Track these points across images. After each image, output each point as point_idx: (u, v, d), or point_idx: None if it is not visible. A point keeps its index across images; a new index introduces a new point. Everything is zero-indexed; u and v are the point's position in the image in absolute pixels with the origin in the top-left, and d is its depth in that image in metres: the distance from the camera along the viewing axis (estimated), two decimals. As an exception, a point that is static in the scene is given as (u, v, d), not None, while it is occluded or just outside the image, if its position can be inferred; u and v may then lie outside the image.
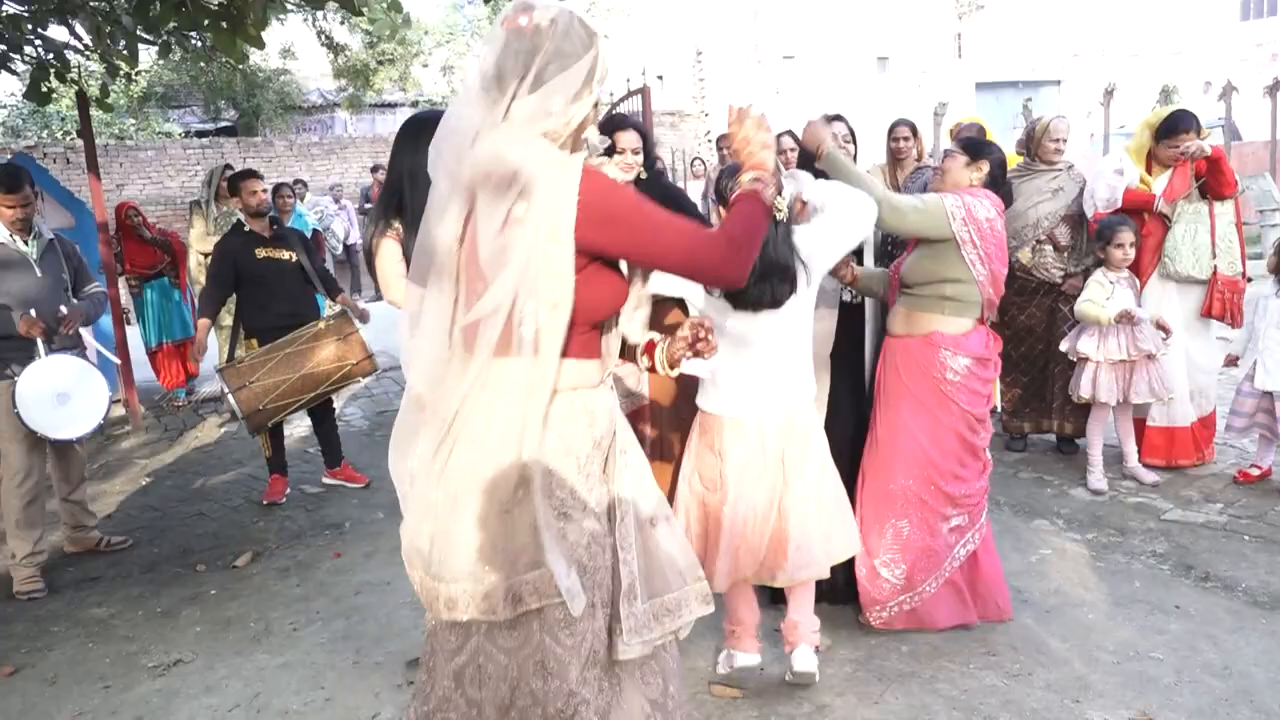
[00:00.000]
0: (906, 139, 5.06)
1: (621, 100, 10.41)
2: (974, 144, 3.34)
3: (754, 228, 1.85)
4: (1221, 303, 4.57)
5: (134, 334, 7.39)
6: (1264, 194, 11.40)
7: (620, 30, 18.99)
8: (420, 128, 2.75)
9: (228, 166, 7.32)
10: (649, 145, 3.65)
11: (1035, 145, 4.91)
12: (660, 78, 14.98)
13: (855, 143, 3.97)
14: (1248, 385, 4.46)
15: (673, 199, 3.72)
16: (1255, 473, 4.52)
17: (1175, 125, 4.59)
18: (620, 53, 18.01)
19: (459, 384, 1.77)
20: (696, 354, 1.99)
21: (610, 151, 3.61)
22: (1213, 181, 4.53)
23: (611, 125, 3.62)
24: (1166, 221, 4.65)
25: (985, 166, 3.22)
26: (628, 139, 3.56)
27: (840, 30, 20.47)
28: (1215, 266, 4.56)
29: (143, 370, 7.42)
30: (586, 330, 1.82)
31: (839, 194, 2.85)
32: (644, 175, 3.62)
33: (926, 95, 17.08)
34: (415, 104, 20.19)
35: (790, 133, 5.28)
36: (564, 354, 1.76)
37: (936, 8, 22.24)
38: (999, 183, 3.28)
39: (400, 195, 2.81)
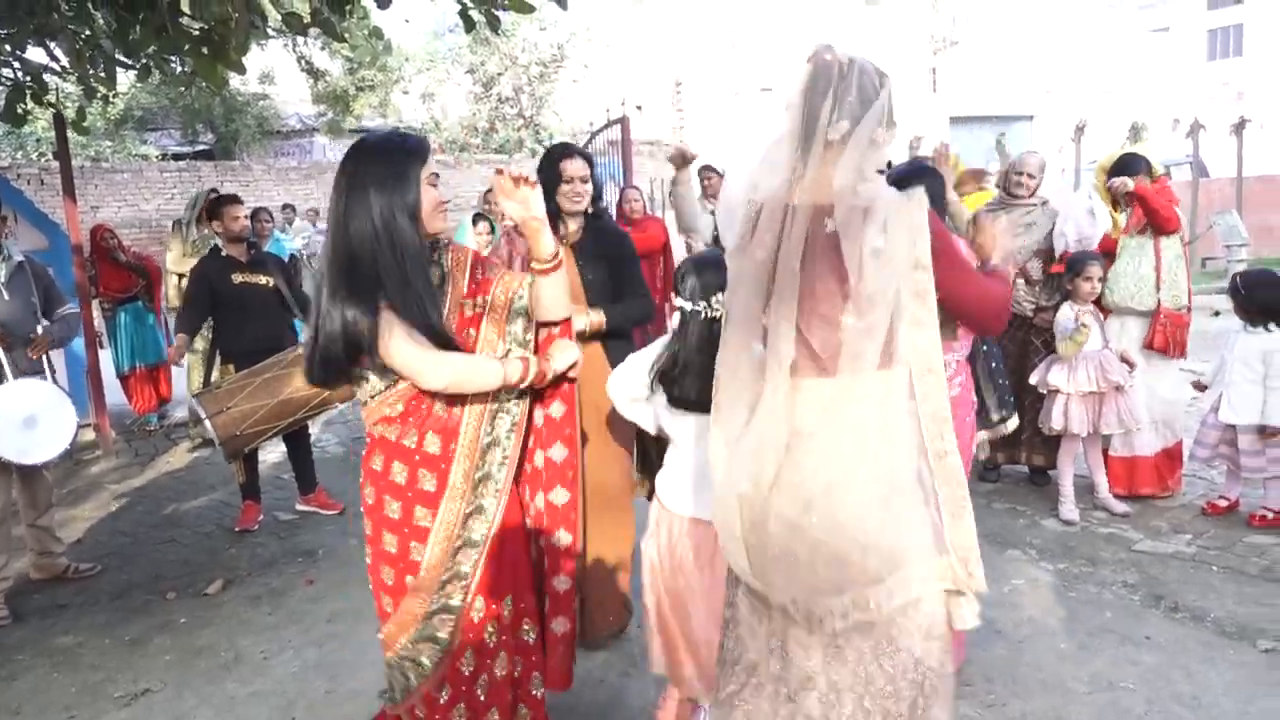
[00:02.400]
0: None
1: (601, 129, 10.48)
2: (897, 179, 3.32)
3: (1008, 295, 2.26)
4: (1164, 334, 4.66)
5: (106, 357, 7.31)
6: (1230, 229, 11.64)
7: (600, 61, 19.14)
8: (390, 157, 2.15)
9: (213, 190, 7.31)
10: (596, 176, 3.43)
11: (1007, 180, 5.00)
12: (639, 108, 15.12)
13: None
14: (1212, 417, 4.54)
15: (613, 242, 3.50)
16: (1223, 504, 4.59)
17: (1124, 169, 4.72)
18: (599, 83, 18.14)
19: (808, 402, 1.90)
20: None
21: (557, 181, 3.33)
22: (1148, 218, 4.64)
23: (558, 153, 3.41)
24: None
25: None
26: (574, 167, 3.35)
27: (818, 63, 20.73)
28: (1159, 300, 4.65)
29: (114, 394, 7.35)
30: None
31: None
32: (590, 210, 3.41)
33: (902, 128, 17.30)
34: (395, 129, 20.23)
35: None
36: None
37: (912, 42, 22.61)
38: (935, 201, 3.25)
39: (376, 253, 2.07)
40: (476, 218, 6.33)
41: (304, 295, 5.44)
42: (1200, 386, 4.75)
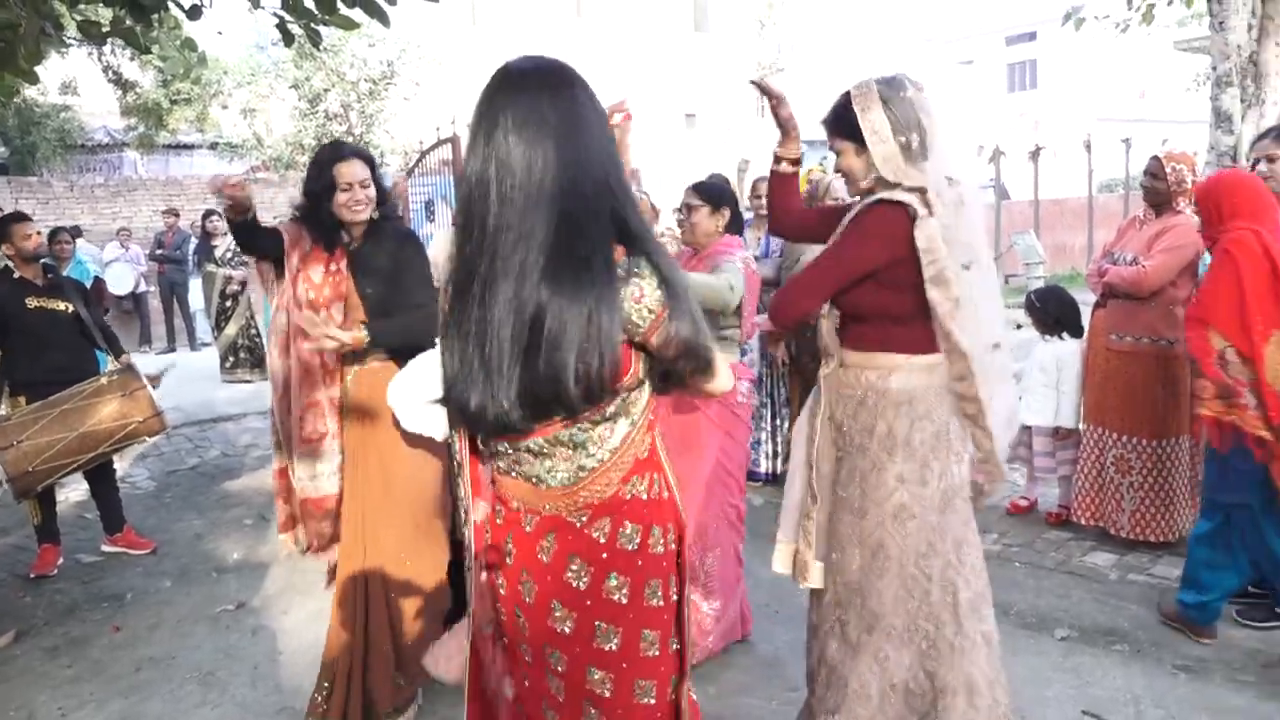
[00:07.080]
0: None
1: (432, 148, 10.33)
2: (712, 191, 3.47)
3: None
4: None
5: (-122, 392, 6.61)
6: (1029, 248, 12.56)
7: (432, 79, 18.84)
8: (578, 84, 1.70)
9: (-6, 208, 6.73)
10: (380, 179, 3.02)
11: (819, 203, 5.23)
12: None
13: (655, 211, 4.15)
14: (1014, 422, 4.87)
15: (391, 249, 3.03)
16: (1024, 504, 4.92)
17: None
18: (431, 101, 17.88)
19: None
20: None
21: (331, 188, 2.89)
22: None
23: (328, 156, 2.94)
24: None
25: (727, 213, 3.41)
26: (351, 170, 2.87)
27: (650, 87, 21.14)
28: None
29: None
30: None
31: None
32: (375, 216, 2.99)
33: (731, 151, 17.85)
34: (214, 145, 19.24)
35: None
36: None
37: (740, 68, 23.37)
38: (737, 220, 3.57)
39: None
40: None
41: (106, 326, 5.08)
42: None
